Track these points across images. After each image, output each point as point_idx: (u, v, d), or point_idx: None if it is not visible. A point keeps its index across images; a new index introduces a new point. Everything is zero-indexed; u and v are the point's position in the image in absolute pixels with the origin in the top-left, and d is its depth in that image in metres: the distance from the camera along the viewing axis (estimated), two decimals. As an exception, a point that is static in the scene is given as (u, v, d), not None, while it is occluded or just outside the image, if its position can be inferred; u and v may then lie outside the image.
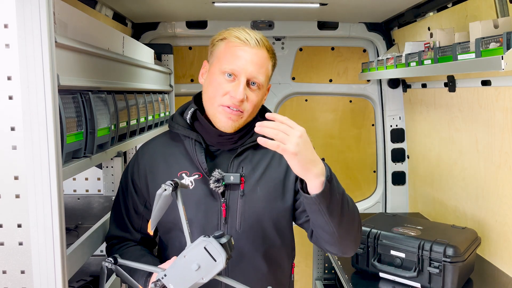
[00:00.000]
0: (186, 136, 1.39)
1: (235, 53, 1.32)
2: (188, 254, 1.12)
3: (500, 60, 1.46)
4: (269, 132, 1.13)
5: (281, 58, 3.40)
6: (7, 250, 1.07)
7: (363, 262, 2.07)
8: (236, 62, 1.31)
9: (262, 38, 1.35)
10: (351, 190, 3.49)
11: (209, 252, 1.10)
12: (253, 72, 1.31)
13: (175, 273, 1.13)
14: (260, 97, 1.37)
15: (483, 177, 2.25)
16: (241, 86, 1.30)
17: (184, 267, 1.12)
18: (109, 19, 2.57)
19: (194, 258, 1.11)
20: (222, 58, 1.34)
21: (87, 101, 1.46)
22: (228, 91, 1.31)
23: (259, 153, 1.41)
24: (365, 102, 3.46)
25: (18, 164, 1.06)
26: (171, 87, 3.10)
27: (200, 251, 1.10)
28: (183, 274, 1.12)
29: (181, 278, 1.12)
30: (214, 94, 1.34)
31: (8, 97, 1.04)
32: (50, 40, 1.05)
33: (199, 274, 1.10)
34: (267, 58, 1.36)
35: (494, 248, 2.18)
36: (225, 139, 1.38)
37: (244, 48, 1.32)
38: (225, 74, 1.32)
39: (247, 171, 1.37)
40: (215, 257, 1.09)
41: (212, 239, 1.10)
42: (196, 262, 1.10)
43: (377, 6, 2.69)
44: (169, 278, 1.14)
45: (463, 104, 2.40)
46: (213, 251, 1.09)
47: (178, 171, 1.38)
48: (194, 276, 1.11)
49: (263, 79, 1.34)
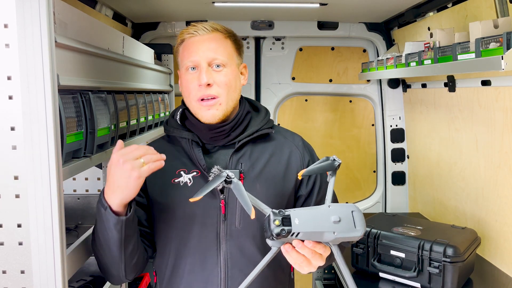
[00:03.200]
0: (182, 137, 1.41)
1: (189, 47, 1.37)
2: (334, 206, 1.12)
3: (500, 60, 1.47)
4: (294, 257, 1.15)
5: (281, 58, 3.40)
6: (7, 250, 1.07)
7: (363, 262, 2.07)
8: (192, 53, 1.36)
9: (211, 24, 1.39)
10: (351, 190, 3.50)
11: (353, 218, 1.10)
12: (210, 55, 1.35)
13: (307, 214, 1.10)
14: (230, 76, 1.37)
15: (483, 177, 2.25)
16: (203, 71, 1.34)
17: (322, 214, 1.10)
18: (109, 19, 2.57)
19: (338, 212, 1.10)
20: (182, 57, 1.39)
21: (87, 101, 1.46)
22: (196, 83, 1.35)
23: (257, 149, 1.42)
24: (365, 102, 3.46)
25: (18, 164, 1.06)
26: (171, 87, 3.09)
27: (347, 211, 1.11)
28: (316, 218, 1.09)
29: (312, 220, 1.09)
30: (187, 92, 1.38)
31: (8, 97, 1.04)
32: (50, 40, 1.05)
33: (334, 227, 1.09)
34: (221, 38, 1.39)
35: (494, 248, 2.18)
36: (216, 133, 1.39)
37: (195, 39, 1.37)
38: (189, 69, 1.37)
39: (246, 167, 1.38)
40: (357, 224, 1.10)
41: (360, 210, 1.13)
42: (339, 216, 1.09)
43: (377, 6, 2.69)
44: (297, 214, 1.09)
45: (463, 104, 2.40)
46: (358, 219, 1.11)
47: (176, 169, 1.39)
48: (328, 225, 1.09)
49: (223, 57, 1.36)
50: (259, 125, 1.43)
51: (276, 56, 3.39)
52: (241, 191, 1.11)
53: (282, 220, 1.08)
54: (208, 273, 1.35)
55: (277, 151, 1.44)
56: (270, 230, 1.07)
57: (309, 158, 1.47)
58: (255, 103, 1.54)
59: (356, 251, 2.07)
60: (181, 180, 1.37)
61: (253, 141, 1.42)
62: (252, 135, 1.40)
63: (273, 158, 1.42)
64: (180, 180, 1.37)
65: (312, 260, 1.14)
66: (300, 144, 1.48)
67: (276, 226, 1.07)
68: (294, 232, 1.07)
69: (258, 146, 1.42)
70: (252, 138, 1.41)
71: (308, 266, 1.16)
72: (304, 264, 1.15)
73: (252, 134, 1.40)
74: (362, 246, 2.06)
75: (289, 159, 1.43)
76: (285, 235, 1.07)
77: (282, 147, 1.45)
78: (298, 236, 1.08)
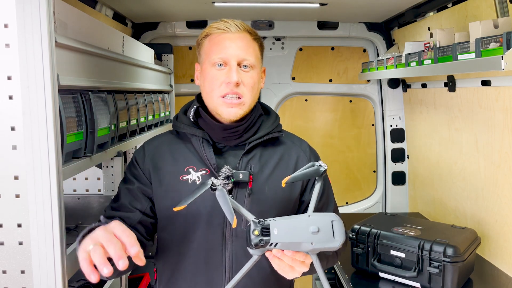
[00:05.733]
0: (192, 134, 1.40)
1: (219, 43, 1.36)
2: (313, 216, 1.11)
3: (500, 60, 1.47)
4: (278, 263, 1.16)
5: (281, 58, 3.40)
6: (7, 250, 1.07)
7: (363, 262, 2.07)
8: (223, 50, 1.35)
9: (242, 23, 1.39)
10: (351, 190, 3.50)
11: (333, 227, 1.10)
12: (240, 54, 1.35)
13: (286, 224, 1.10)
14: (256, 79, 1.38)
15: (483, 177, 2.25)
16: (233, 70, 1.33)
17: (301, 224, 1.10)
18: (109, 19, 2.57)
19: (317, 222, 1.10)
20: (209, 52, 1.37)
21: (87, 101, 1.46)
22: (223, 80, 1.34)
23: (267, 152, 1.42)
24: (365, 102, 3.46)
25: (18, 164, 1.06)
26: (171, 87, 3.10)
27: (326, 221, 1.10)
28: (295, 229, 1.09)
29: (291, 230, 1.09)
30: (211, 87, 1.36)
31: (8, 97, 1.04)
32: (50, 40, 1.05)
33: (312, 238, 1.09)
34: (251, 40, 1.39)
35: (494, 248, 2.18)
36: (230, 133, 1.38)
37: (227, 35, 1.36)
38: (216, 65, 1.35)
39: (255, 169, 1.37)
40: (336, 234, 1.09)
41: (341, 219, 1.11)
42: (318, 226, 1.09)
43: (377, 6, 2.69)
44: (276, 224, 1.10)
45: (463, 104, 2.40)
46: (337, 229, 1.10)
47: (185, 166, 1.38)
48: (306, 236, 1.09)
49: (252, 59, 1.37)
50: (269, 129, 1.43)
51: (276, 56, 3.39)
52: (226, 199, 1.12)
53: (262, 230, 1.09)
54: (211, 273, 1.35)
55: (285, 155, 1.44)
56: (249, 240, 1.10)
57: None
58: (266, 106, 1.54)
59: (356, 251, 2.07)
60: (190, 177, 1.36)
61: (263, 144, 1.42)
62: (263, 137, 1.40)
63: (281, 162, 1.42)
64: (189, 178, 1.36)
65: (294, 267, 1.16)
66: (307, 150, 1.49)
67: (255, 236, 1.09)
68: (272, 243, 1.09)
69: (267, 150, 1.42)
70: (262, 141, 1.40)
71: (292, 272, 1.17)
72: (287, 270, 1.16)
73: (263, 137, 1.40)
74: (362, 246, 2.06)
75: (296, 164, 1.43)
76: (264, 245, 1.09)
77: (290, 151, 1.45)
78: (277, 246, 1.10)
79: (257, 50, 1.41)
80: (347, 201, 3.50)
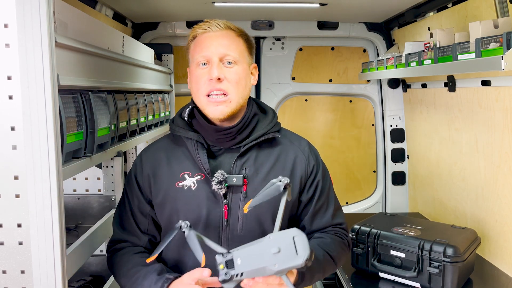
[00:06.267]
0: (187, 138, 1.39)
1: (201, 42, 1.37)
2: (273, 236, 1.09)
3: (500, 60, 1.47)
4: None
5: (281, 58, 3.40)
6: (7, 250, 1.07)
7: (363, 262, 2.07)
8: (204, 48, 1.35)
9: (224, 22, 1.39)
10: (351, 190, 3.50)
11: (295, 244, 1.06)
12: (221, 51, 1.34)
13: (249, 251, 1.09)
14: (241, 75, 1.37)
15: (483, 177, 2.25)
16: (214, 66, 1.33)
17: (262, 247, 1.08)
18: (109, 19, 2.57)
19: (278, 242, 1.07)
20: (194, 53, 1.38)
21: (87, 101, 1.46)
22: (206, 78, 1.34)
23: (262, 154, 1.40)
24: (365, 102, 3.46)
25: (18, 164, 1.06)
26: (171, 87, 3.10)
27: (287, 238, 1.07)
28: (257, 254, 1.08)
29: (253, 256, 1.08)
30: (197, 87, 1.36)
31: (8, 97, 1.04)
32: (50, 40, 1.05)
33: (274, 260, 1.06)
34: (234, 37, 1.38)
35: (494, 248, 2.18)
36: (223, 135, 1.37)
37: (208, 35, 1.37)
38: (200, 65, 1.36)
39: (250, 172, 1.36)
40: (298, 250, 1.05)
41: (303, 234, 1.07)
42: (278, 246, 1.06)
43: (377, 6, 2.69)
44: (240, 253, 1.09)
45: (463, 104, 2.40)
46: (300, 244, 1.06)
47: (181, 172, 1.38)
48: (268, 259, 1.06)
49: (235, 54, 1.36)
50: (265, 129, 1.40)
51: (276, 56, 3.39)
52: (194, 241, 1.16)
53: (226, 263, 1.10)
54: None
55: (282, 156, 1.41)
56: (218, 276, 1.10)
57: (314, 162, 1.45)
58: (263, 104, 1.51)
59: (356, 251, 2.07)
60: (185, 184, 1.36)
61: (259, 145, 1.40)
62: (257, 139, 1.38)
63: (278, 163, 1.40)
64: (184, 184, 1.36)
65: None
66: (306, 149, 1.46)
67: (221, 270, 1.10)
68: (237, 273, 1.08)
69: (263, 151, 1.40)
70: (257, 142, 1.38)
71: None
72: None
73: (258, 139, 1.38)
74: (362, 246, 2.06)
75: (294, 164, 1.41)
76: (230, 278, 1.08)
77: (288, 151, 1.43)
78: (243, 276, 1.08)
79: (242, 46, 1.39)
80: (347, 201, 3.50)
